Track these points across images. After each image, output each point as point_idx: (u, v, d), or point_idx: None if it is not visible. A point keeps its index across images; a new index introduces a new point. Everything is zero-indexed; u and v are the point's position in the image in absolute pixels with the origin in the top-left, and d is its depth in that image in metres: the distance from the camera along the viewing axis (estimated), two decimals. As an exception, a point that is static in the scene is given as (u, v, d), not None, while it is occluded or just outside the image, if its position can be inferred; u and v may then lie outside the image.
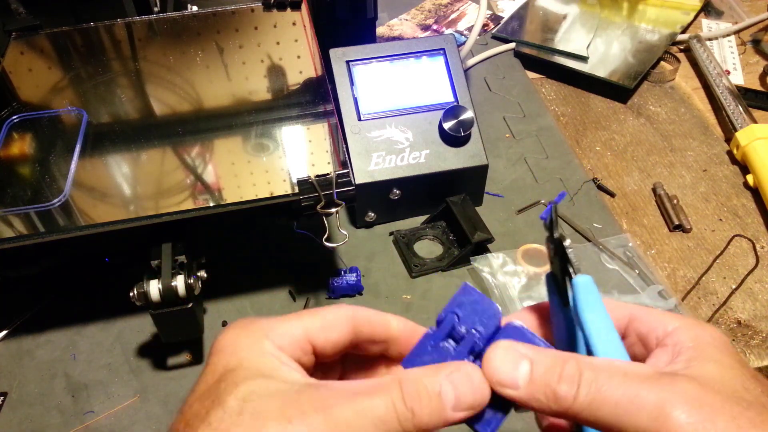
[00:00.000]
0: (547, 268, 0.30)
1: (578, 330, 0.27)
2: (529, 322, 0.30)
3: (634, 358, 0.28)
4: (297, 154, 0.55)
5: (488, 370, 0.26)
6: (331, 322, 0.28)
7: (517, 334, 0.28)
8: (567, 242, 0.28)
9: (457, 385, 0.25)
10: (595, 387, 0.24)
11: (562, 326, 0.29)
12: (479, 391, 0.26)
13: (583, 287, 0.27)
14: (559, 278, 0.29)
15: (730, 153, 0.77)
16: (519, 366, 0.25)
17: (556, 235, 0.28)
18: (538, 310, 0.31)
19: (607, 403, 0.24)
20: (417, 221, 0.68)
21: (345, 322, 0.28)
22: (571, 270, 0.28)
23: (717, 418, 0.22)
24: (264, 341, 0.26)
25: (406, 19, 0.99)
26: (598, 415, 0.24)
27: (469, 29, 0.97)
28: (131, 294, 0.48)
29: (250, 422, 0.23)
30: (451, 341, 0.28)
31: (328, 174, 0.51)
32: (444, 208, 0.66)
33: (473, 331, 0.28)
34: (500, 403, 0.26)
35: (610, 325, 0.27)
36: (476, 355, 0.28)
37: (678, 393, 0.23)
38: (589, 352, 0.27)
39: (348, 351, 0.29)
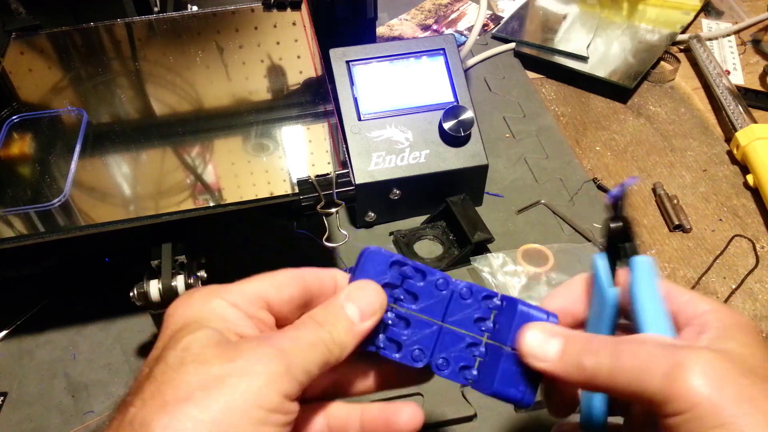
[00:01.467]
0: (547, 268, 0.31)
1: (633, 306, 0.29)
2: (568, 296, 0.33)
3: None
4: (297, 154, 0.55)
5: (523, 347, 0.29)
6: (280, 281, 0.30)
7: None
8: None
9: (356, 300, 0.29)
10: (615, 356, 0.26)
11: (599, 306, 0.30)
12: (376, 300, 0.30)
13: (643, 265, 0.29)
14: (613, 259, 0.31)
15: (730, 153, 0.77)
16: (551, 343, 0.29)
17: (626, 216, 0.30)
18: (569, 292, 0.33)
19: (626, 369, 0.25)
20: (417, 221, 0.68)
21: (294, 279, 0.30)
22: (630, 249, 0.30)
23: (726, 385, 0.23)
24: (214, 299, 0.28)
25: (406, 19, 0.99)
26: (617, 381, 0.26)
27: (469, 29, 0.97)
28: (131, 294, 0.48)
29: (193, 369, 0.24)
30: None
31: (328, 174, 0.51)
32: (444, 208, 0.66)
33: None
34: (531, 377, 0.30)
35: (660, 303, 0.28)
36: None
37: (692, 359, 0.24)
38: (638, 328, 0.28)
39: (304, 309, 0.31)
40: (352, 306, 0.29)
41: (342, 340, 0.28)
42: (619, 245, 0.30)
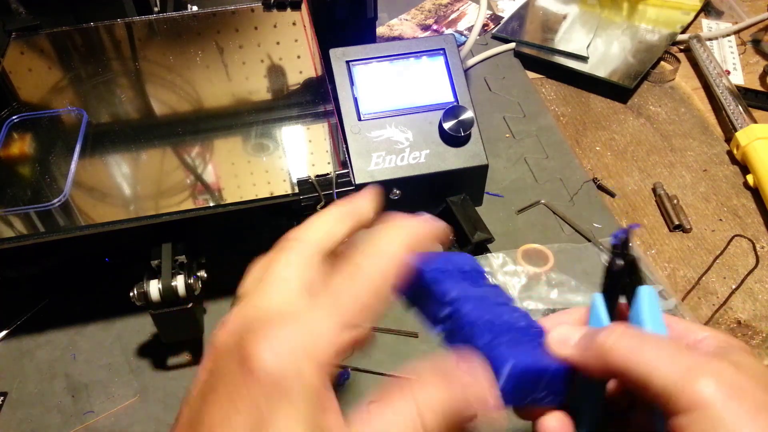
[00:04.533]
0: (547, 268, 0.31)
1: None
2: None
3: None
4: (297, 154, 0.55)
5: (551, 339, 0.30)
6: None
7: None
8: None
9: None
10: (635, 344, 0.26)
11: None
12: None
13: (648, 294, 0.29)
14: (611, 296, 0.31)
15: (730, 153, 0.77)
16: (575, 332, 0.29)
17: (633, 254, 0.30)
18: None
19: (644, 358, 0.25)
20: (417, 221, 0.68)
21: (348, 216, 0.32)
22: (637, 281, 0.30)
23: (744, 394, 0.23)
24: (309, 366, 0.23)
25: (406, 19, 0.99)
26: (631, 366, 0.25)
27: (469, 29, 0.97)
28: (131, 294, 0.48)
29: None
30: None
31: (328, 174, 0.51)
32: (444, 208, 0.66)
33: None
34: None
35: (663, 327, 0.29)
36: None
37: (713, 362, 0.24)
38: None
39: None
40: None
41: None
42: (623, 282, 0.30)
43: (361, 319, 0.25)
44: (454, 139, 0.65)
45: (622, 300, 0.31)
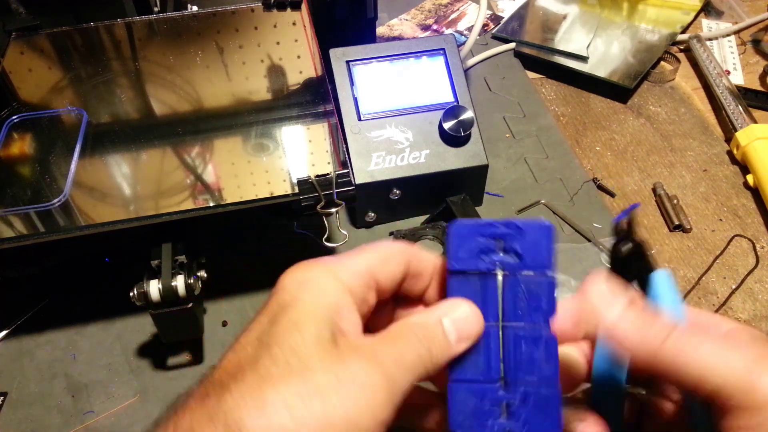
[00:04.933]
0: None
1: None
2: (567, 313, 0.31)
3: None
4: (297, 154, 0.55)
5: (588, 296, 0.27)
6: (387, 255, 0.29)
7: (542, 283, 0.28)
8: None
9: (455, 320, 0.28)
10: (686, 339, 0.24)
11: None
12: (475, 324, 0.28)
13: (664, 278, 0.28)
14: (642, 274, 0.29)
15: (730, 153, 0.77)
16: (617, 300, 0.27)
17: (637, 238, 0.29)
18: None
19: (697, 356, 0.24)
20: (417, 221, 0.68)
21: (399, 254, 0.29)
22: (649, 266, 0.29)
23: None
24: (331, 281, 0.27)
25: (406, 19, 0.99)
26: (683, 365, 0.24)
27: (469, 29, 0.97)
28: (131, 294, 0.48)
29: (298, 374, 0.23)
30: (494, 242, 0.29)
31: (328, 174, 0.51)
32: (444, 208, 0.66)
33: (515, 254, 0.28)
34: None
35: (683, 311, 0.28)
36: (505, 271, 0.29)
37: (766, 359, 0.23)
38: None
39: (401, 286, 0.30)
40: (450, 324, 0.27)
41: (438, 359, 0.27)
42: (630, 267, 0.29)
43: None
44: (454, 139, 0.65)
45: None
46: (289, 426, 0.22)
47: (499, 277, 0.29)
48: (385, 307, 0.31)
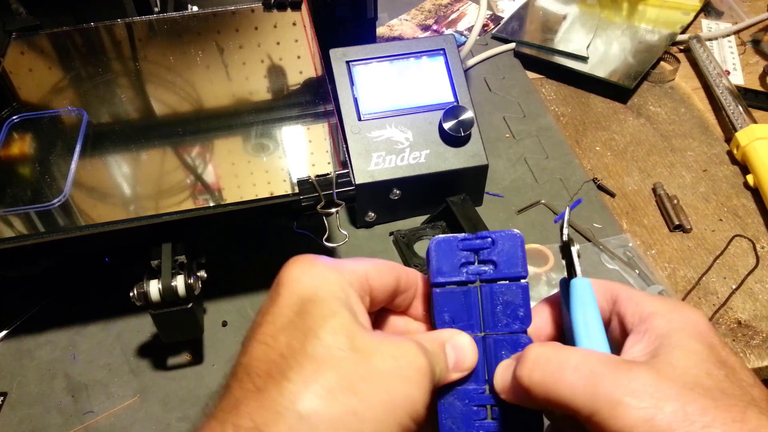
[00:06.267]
0: (547, 268, 0.31)
1: (571, 327, 0.29)
2: (542, 315, 0.32)
3: (615, 342, 0.29)
4: (297, 154, 0.55)
5: (495, 383, 0.29)
6: (381, 266, 0.30)
7: (517, 291, 0.30)
8: (576, 247, 0.30)
9: (456, 348, 0.29)
10: (550, 369, 0.25)
11: (568, 327, 0.30)
12: (470, 356, 0.29)
13: (579, 288, 0.29)
14: (567, 280, 0.30)
15: (730, 153, 0.77)
16: (509, 370, 0.28)
17: (565, 238, 0.31)
18: (550, 303, 0.32)
19: (561, 385, 0.24)
20: (417, 221, 0.68)
21: (392, 268, 0.30)
22: (573, 272, 0.30)
23: (666, 406, 0.22)
24: (335, 274, 0.27)
25: (406, 19, 1.00)
26: (552, 395, 0.25)
27: (469, 29, 0.97)
28: (131, 294, 0.48)
29: (353, 356, 0.24)
30: (471, 255, 0.31)
31: (328, 174, 0.51)
32: (444, 208, 0.66)
33: (490, 263, 0.31)
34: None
35: (598, 324, 0.28)
36: (483, 281, 0.31)
37: (632, 380, 0.23)
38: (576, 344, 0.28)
39: (390, 302, 0.31)
40: (451, 352, 0.29)
41: (437, 381, 0.27)
42: (570, 266, 0.30)
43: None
44: (454, 139, 0.65)
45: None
46: (357, 408, 0.23)
47: (478, 288, 0.31)
48: (376, 320, 0.33)
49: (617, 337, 0.29)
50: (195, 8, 0.72)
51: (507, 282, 0.30)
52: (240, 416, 0.23)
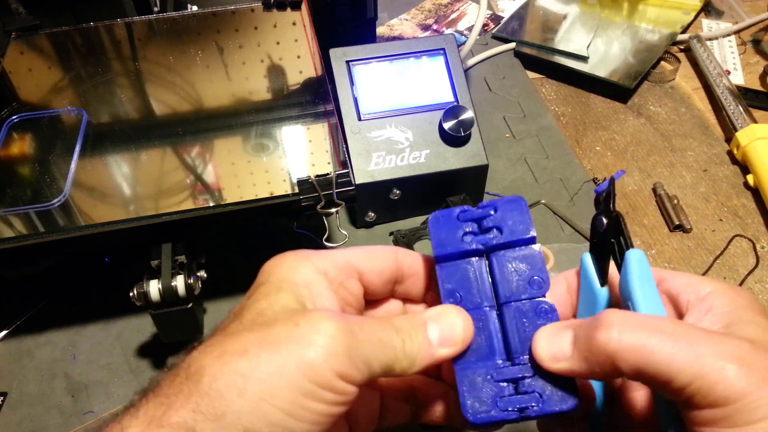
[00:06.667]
0: (547, 268, 0.31)
1: (627, 302, 0.27)
2: (559, 288, 0.31)
3: None
4: (297, 154, 0.55)
5: (540, 353, 0.27)
6: (373, 252, 0.30)
7: (529, 255, 0.29)
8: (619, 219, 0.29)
9: (440, 323, 0.28)
10: (644, 333, 0.24)
11: (590, 306, 0.29)
12: (460, 329, 0.28)
13: (636, 258, 0.27)
14: (601, 256, 0.29)
15: (730, 153, 0.77)
16: (563, 337, 0.26)
17: (614, 208, 0.29)
18: (566, 277, 0.32)
19: (657, 349, 0.23)
20: (417, 221, 0.68)
21: (389, 252, 0.30)
22: (624, 244, 0.28)
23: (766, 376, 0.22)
24: (304, 264, 0.28)
25: (406, 19, 0.99)
26: (646, 360, 0.23)
27: (469, 29, 0.97)
28: (131, 294, 0.48)
29: (258, 328, 0.25)
30: (473, 225, 0.30)
31: (328, 174, 0.51)
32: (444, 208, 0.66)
33: (496, 230, 0.29)
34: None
35: (656, 294, 0.27)
36: (488, 250, 0.29)
37: (735, 347, 0.23)
38: None
39: (395, 286, 0.31)
40: (435, 327, 0.28)
41: (413, 355, 0.27)
42: (611, 240, 0.28)
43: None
44: (454, 139, 0.65)
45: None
46: (245, 369, 0.23)
47: (485, 258, 0.29)
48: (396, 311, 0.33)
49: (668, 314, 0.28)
50: (195, 8, 0.72)
51: (517, 249, 0.29)
52: (160, 394, 0.25)
